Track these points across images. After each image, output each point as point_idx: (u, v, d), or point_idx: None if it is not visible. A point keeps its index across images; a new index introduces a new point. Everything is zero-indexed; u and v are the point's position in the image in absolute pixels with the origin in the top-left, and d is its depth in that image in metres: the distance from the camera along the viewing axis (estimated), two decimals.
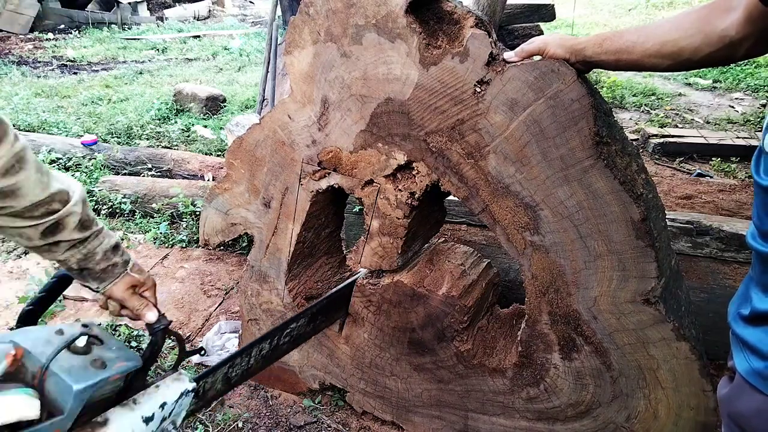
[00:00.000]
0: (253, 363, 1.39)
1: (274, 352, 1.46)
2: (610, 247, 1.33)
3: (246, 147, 1.76)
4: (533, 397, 1.58)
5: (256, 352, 1.38)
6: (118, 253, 1.13)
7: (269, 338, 1.40)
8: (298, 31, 1.53)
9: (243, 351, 1.33)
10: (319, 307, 1.58)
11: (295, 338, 1.51)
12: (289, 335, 1.47)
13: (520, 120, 1.30)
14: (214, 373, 1.26)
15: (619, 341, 1.42)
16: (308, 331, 1.58)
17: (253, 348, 1.36)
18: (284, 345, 1.48)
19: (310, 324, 1.57)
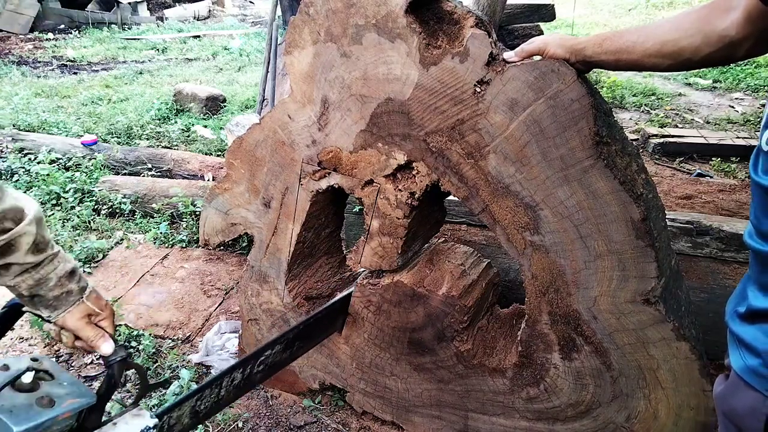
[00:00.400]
0: (224, 394, 1.32)
1: (248, 381, 1.39)
2: (610, 247, 1.33)
3: (246, 147, 1.76)
4: (533, 397, 1.58)
5: (227, 382, 1.31)
6: (74, 279, 1.05)
7: (241, 367, 1.34)
8: (298, 31, 1.53)
9: (212, 382, 1.26)
10: (296, 332, 1.51)
11: (270, 366, 1.45)
12: (263, 363, 1.41)
13: (520, 120, 1.30)
14: (179, 407, 1.18)
15: (619, 341, 1.42)
16: (284, 359, 1.51)
17: (223, 378, 1.29)
18: (258, 374, 1.41)
19: (286, 351, 1.50)
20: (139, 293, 2.66)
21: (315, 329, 1.63)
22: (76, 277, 1.05)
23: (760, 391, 0.86)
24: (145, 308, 2.56)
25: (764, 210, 0.87)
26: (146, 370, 1.15)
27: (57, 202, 3.41)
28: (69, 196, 3.41)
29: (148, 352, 2.24)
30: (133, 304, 2.58)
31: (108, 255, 2.96)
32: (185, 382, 2.02)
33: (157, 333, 2.40)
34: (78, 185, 3.49)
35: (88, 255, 2.90)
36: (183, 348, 2.34)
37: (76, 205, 3.39)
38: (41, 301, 1.02)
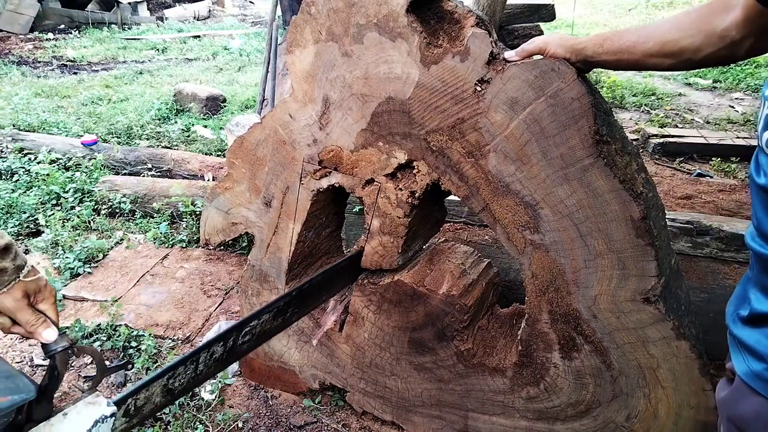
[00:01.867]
0: (203, 369, 1.23)
1: (231, 353, 1.29)
2: (610, 246, 1.33)
3: (247, 146, 1.76)
4: (533, 397, 1.59)
5: (205, 357, 1.21)
6: (9, 256, 0.95)
7: (222, 340, 1.24)
8: (299, 30, 1.53)
9: (186, 359, 1.17)
10: (288, 299, 1.41)
11: (259, 335, 1.35)
12: (249, 333, 1.30)
13: (520, 119, 1.30)
14: (147, 388, 1.10)
15: (619, 340, 1.42)
16: (276, 326, 1.40)
17: (199, 354, 1.20)
18: (244, 345, 1.31)
19: (278, 318, 1.39)
20: (139, 293, 2.66)
21: (308, 296, 1.53)
22: (10, 254, 0.95)
23: (765, 396, 0.85)
24: (145, 308, 2.56)
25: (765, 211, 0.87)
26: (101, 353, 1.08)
27: (57, 202, 3.41)
28: (69, 196, 3.41)
29: (149, 353, 2.24)
30: (133, 304, 2.58)
31: (108, 255, 2.96)
32: None
33: (157, 333, 2.40)
34: (78, 185, 3.49)
35: (88, 255, 2.90)
36: (183, 348, 2.34)
37: (76, 205, 3.39)
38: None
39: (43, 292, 1.00)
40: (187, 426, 1.92)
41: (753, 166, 0.90)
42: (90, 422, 0.94)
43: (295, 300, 1.43)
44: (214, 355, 1.23)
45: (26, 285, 0.97)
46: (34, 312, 0.98)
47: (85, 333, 2.35)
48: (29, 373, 2.19)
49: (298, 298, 1.45)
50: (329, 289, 1.66)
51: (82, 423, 0.94)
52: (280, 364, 2.03)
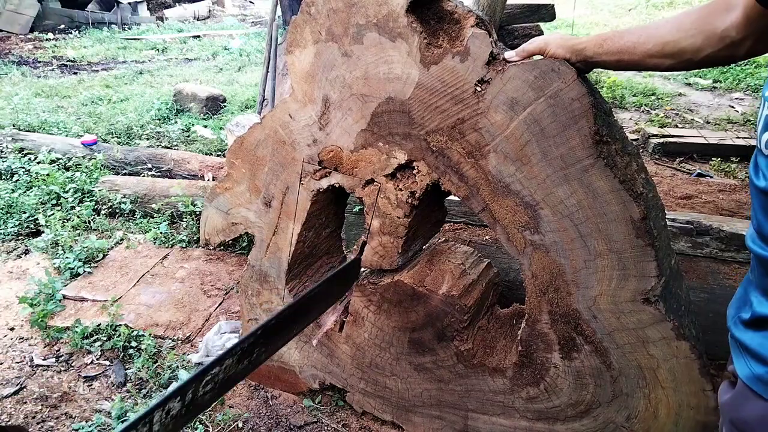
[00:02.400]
0: (160, 429, 1.08)
1: (190, 408, 1.14)
2: (610, 246, 1.33)
3: (247, 146, 1.76)
4: (533, 397, 1.58)
5: (160, 416, 1.06)
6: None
7: (178, 395, 1.09)
8: (299, 30, 1.53)
9: (139, 420, 1.03)
10: (254, 339, 1.26)
11: (223, 383, 1.21)
12: (211, 382, 1.16)
13: (520, 119, 1.30)
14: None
15: (619, 340, 1.42)
16: (241, 370, 1.26)
17: (153, 413, 1.04)
18: (206, 395, 1.17)
19: (243, 360, 1.25)
20: (139, 293, 2.66)
21: (277, 331, 1.36)
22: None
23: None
24: (145, 308, 2.56)
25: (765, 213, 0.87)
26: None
27: (57, 202, 3.41)
28: (69, 196, 3.41)
29: (149, 353, 2.24)
30: (133, 304, 2.58)
31: (108, 255, 2.96)
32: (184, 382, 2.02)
33: (157, 333, 2.40)
34: (78, 185, 3.49)
35: (88, 255, 2.90)
36: (183, 348, 2.34)
37: (76, 205, 3.39)
38: None
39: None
40: (187, 426, 1.92)
41: (752, 168, 0.90)
42: None
43: (261, 339, 1.29)
44: (171, 412, 1.09)
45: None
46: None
47: (85, 333, 2.36)
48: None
49: (264, 336, 1.30)
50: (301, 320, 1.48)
51: None
52: (280, 364, 2.03)
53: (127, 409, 1.96)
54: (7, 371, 2.21)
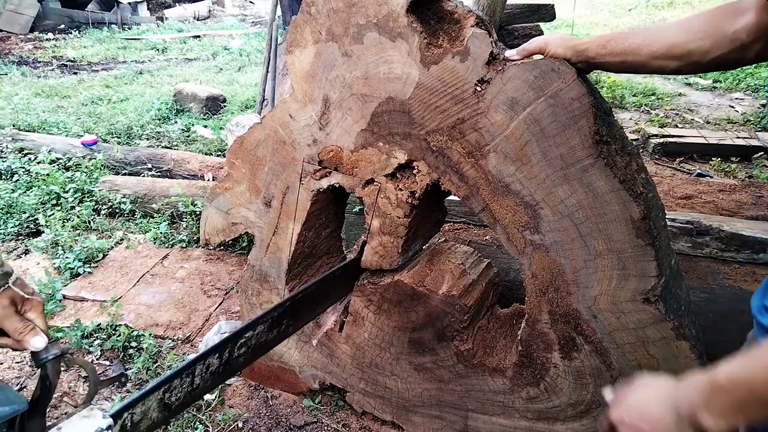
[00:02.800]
0: (200, 382, 1.18)
1: (228, 367, 1.24)
2: (610, 246, 1.33)
3: (247, 146, 1.76)
4: (533, 397, 1.59)
5: (200, 370, 1.17)
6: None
7: (217, 352, 1.20)
8: (299, 30, 1.53)
9: (182, 371, 1.13)
10: (282, 310, 1.37)
11: (254, 348, 1.31)
12: (245, 345, 1.27)
13: (520, 119, 1.30)
14: (143, 401, 1.06)
15: (619, 340, 1.42)
16: (271, 339, 1.36)
17: (195, 366, 1.15)
18: (240, 357, 1.27)
19: (273, 330, 1.35)
20: (139, 293, 2.66)
21: (304, 306, 1.49)
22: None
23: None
24: (145, 308, 2.56)
25: None
26: (93, 366, 1.05)
27: (57, 202, 3.41)
28: (69, 196, 3.41)
29: (149, 352, 2.24)
30: (133, 304, 2.58)
31: (108, 255, 2.96)
32: None
33: (157, 333, 2.40)
34: (78, 185, 3.49)
35: (88, 255, 2.90)
36: (183, 348, 2.34)
37: (76, 205, 3.39)
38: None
39: (31, 301, 0.97)
40: (187, 426, 1.92)
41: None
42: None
43: (290, 311, 1.39)
44: (210, 367, 1.19)
45: (13, 293, 0.95)
46: (21, 320, 0.94)
47: (85, 333, 2.36)
48: (29, 373, 2.19)
49: (292, 308, 1.41)
50: (326, 298, 1.61)
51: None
52: (280, 364, 2.03)
53: None
54: (7, 371, 2.21)
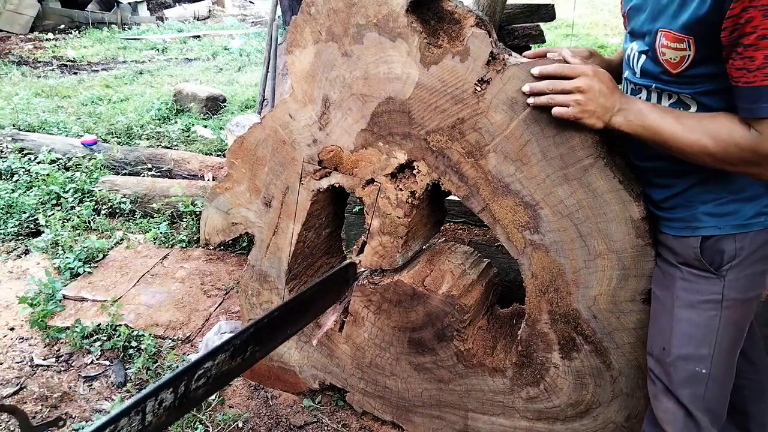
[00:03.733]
0: (153, 419, 1.08)
1: (183, 401, 1.14)
2: (610, 246, 1.33)
3: (247, 146, 1.76)
4: (533, 397, 1.59)
5: (152, 406, 1.07)
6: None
7: (171, 386, 1.10)
8: (299, 30, 1.53)
9: (130, 408, 1.02)
10: (247, 336, 1.25)
11: (216, 378, 1.20)
12: (204, 377, 1.17)
13: (520, 119, 1.30)
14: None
15: (618, 340, 1.42)
16: (234, 367, 1.25)
17: (146, 402, 1.05)
18: (199, 390, 1.17)
19: (236, 357, 1.23)
20: (139, 293, 2.66)
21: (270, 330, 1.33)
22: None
23: None
24: (145, 308, 2.56)
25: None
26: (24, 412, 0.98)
27: (57, 202, 3.41)
28: (69, 196, 3.41)
29: (149, 353, 2.24)
30: (133, 304, 2.58)
31: (108, 255, 2.96)
32: None
33: (157, 333, 2.40)
34: (78, 185, 3.49)
35: (88, 255, 2.90)
36: (183, 348, 2.34)
37: (76, 205, 3.39)
38: None
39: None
40: (187, 426, 1.92)
41: None
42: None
43: (254, 336, 1.28)
44: (164, 403, 1.09)
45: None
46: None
47: (85, 333, 2.36)
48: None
49: (257, 334, 1.29)
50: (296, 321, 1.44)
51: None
52: (280, 364, 2.04)
53: None
54: (7, 371, 2.21)
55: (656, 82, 1.17)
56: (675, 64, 1.10)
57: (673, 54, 1.10)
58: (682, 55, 1.08)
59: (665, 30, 1.09)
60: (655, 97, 1.20)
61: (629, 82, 1.26)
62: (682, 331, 1.23)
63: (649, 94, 1.21)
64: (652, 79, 1.18)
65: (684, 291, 1.22)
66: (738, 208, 1.17)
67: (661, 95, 1.18)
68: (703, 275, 1.21)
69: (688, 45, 1.07)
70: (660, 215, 1.27)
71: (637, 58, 1.21)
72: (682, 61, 1.09)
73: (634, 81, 1.24)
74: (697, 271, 1.21)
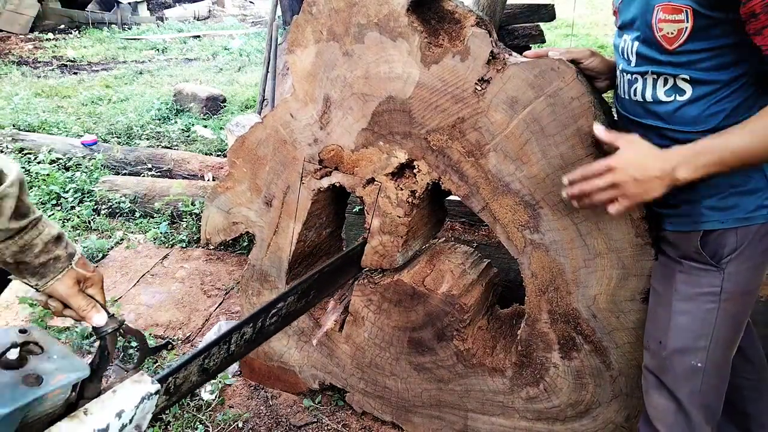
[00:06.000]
0: (235, 349, 1.28)
1: (260, 334, 1.35)
2: (610, 245, 1.33)
3: (248, 146, 1.76)
4: (533, 397, 1.59)
5: (236, 338, 1.27)
6: (62, 244, 1.00)
7: (251, 322, 1.29)
8: (300, 30, 1.53)
9: (220, 339, 1.22)
10: (311, 282, 1.47)
11: (284, 317, 1.42)
12: (276, 315, 1.37)
13: (520, 118, 1.30)
14: (186, 367, 1.15)
15: (618, 340, 1.42)
16: (299, 308, 1.47)
17: (232, 335, 1.25)
18: (272, 326, 1.38)
19: (302, 300, 1.46)
20: (139, 293, 2.66)
21: (330, 277, 1.59)
22: (63, 242, 1.00)
23: None
24: (145, 308, 2.56)
25: None
26: (144, 334, 1.15)
27: (57, 202, 3.41)
28: (69, 196, 3.41)
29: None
30: (133, 304, 2.58)
31: (108, 255, 2.96)
32: None
33: (157, 333, 2.40)
34: (78, 185, 3.49)
35: (88, 255, 2.90)
36: (183, 348, 2.34)
37: (76, 205, 3.39)
38: (27, 269, 0.96)
39: (92, 278, 1.04)
40: (187, 426, 1.92)
41: None
42: (137, 398, 0.99)
43: (317, 283, 1.50)
44: (245, 336, 1.28)
45: (77, 272, 1.01)
46: (84, 297, 1.02)
47: (86, 333, 2.36)
48: None
49: (319, 280, 1.51)
50: (348, 271, 1.70)
51: (131, 399, 0.98)
52: (280, 364, 2.04)
53: None
54: None
55: (652, 65, 1.17)
56: (672, 39, 1.10)
57: (670, 27, 1.10)
58: (680, 28, 1.09)
59: (663, 3, 1.09)
60: (651, 83, 1.19)
61: (625, 73, 1.26)
62: (680, 323, 1.23)
63: (645, 82, 1.20)
64: (648, 62, 1.18)
65: (683, 284, 1.23)
66: (740, 201, 1.17)
67: (657, 81, 1.18)
68: (703, 268, 1.21)
69: (686, 16, 1.07)
70: (663, 212, 1.27)
71: (630, 45, 1.21)
72: (679, 34, 1.09)
73: (630, 70, 1.23)
74: (698, 264, 1.21)
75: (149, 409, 1.04)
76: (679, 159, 1.08)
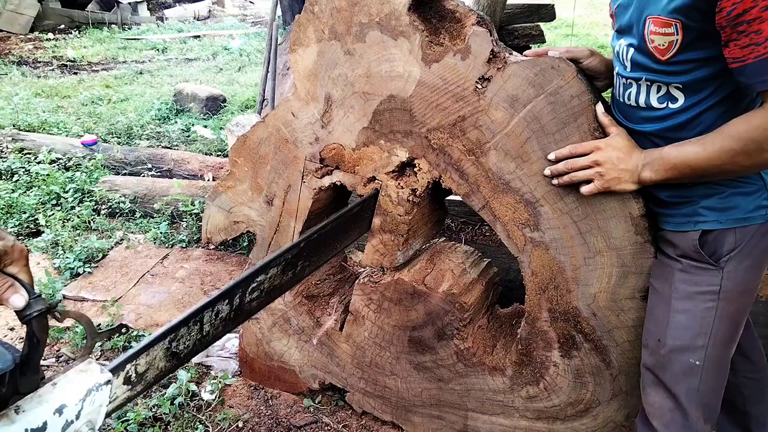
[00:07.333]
0: (210, 329, 1.12)
1: (238, 312, 1.17)
2: (610, 243, 1.33)
3: (249, 145, 1.76)
4: (533, 396, 1.59)
5: (210, 316, 1.10)
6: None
7: (225, 298, 1.13)
8: (302, 29, 1.53)
9: (189, 319, 1.06)
10: (297, 251, 1.26)
11: (268, 292, 1.22)
12: (258, 290, 1.18)
13: (520, 116, 1.31)
14: (148, 352, 0.99)
15: (618, 338, 1.42)
16: (285, 282, 1.27)
17: (203, 313, 1.08)
18: (253, 302, 1.20)
19: (287, 272, 1.25)
20: (139, 293, 2.66)
21: (320, 246, 1.38)
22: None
23: None
24: (145, 308, 2.56)
25: None
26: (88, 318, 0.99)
27: (57, 202, 3.41)
28: (69, 196, 3.41)
29: None
30: (133, 304, 2.58)
31: (108, 255, 2.96)
32: (183, 383, 2.02)
33: None
34: (78, 185, 3.49)
35: (88, 255, 2.90)
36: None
37: (76, 205, 3.39)
38: None
39: (11, 254, 0.85)
40: (187, 426, 1.92)
41: None
42: (82, 392, 0.85)
43: (304, 251, 1.29)
44: (220, 314, 1.13)
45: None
46: (1, 276, 0.83)
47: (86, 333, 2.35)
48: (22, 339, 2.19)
49: (307, 248, 1.30)
50: (342, 238, 1.51)
51: (74, 393, 0.84)
52: (280, 364, 2.03)
53: (127, 410, 1.96)
54: None
55: (646, 72, 1.18)
56: (663, 51, 1.12)
57: (661, 40, 1.11)
58: (670, 41, 1.10)
59: (654, 16, 1.11)
60: (645, 89, 1.20)
61: (620, 77, 1.27)
62: (679, 322, 1.24)
63: (639, 88, 1.22)
64: (642, 70, 1.19)
65: (682, 283, 1.24)
66: (738, 201, 1.18)
67: (651, 88, 1.19)
68: (702, 267, 1.22)
69: (676, 29, 1.08)
70: (661, 212, 1.28)
71: (626, 51, 1.22)
72: (670, 46, 1.11)
73: (625, 75, 1.24)
74: (696, 263, 1.22)
75: (102, 401, 0.89)
76: (646, 161, 1.19)
